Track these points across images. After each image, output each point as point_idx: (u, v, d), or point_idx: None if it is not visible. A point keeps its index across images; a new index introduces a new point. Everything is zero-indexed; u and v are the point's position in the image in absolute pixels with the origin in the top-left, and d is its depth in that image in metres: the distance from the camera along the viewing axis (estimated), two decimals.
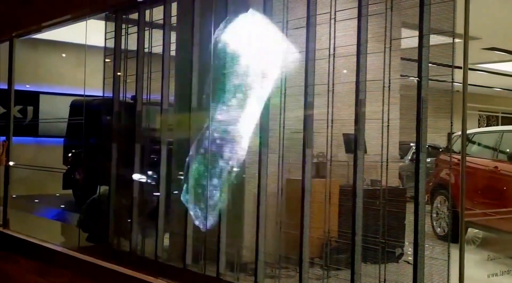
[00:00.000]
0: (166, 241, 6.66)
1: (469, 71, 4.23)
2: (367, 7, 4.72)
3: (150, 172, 6.96)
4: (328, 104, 5.01)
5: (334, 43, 4.99)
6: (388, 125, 4.65)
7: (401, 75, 4.90)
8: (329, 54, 5.01)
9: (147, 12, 6.91)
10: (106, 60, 7.50)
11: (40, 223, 10.24)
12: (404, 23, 4.80)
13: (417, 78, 4.29)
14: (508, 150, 8.35)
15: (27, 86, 12.57)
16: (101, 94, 7.52)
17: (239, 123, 5.63)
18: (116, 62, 7.28)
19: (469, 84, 4.22)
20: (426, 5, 4.29)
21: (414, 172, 4.32)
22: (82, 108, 8.25)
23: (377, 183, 5.43)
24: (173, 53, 6.61)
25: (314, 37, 5.10)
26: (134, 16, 7.07)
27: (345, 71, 5.10)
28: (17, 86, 10.00)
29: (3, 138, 9.66)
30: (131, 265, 6.52)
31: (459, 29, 4.15)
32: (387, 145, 4.68)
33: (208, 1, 6.07)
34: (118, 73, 7.28)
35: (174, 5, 6.61)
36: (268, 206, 5.46)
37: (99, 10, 7.58)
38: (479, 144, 9.04)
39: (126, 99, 7.27)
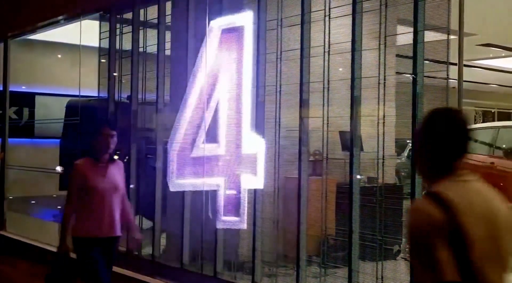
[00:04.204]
0: (163, 241, 6.64)
1: (464, 68, 4.22)
2: (361, 4, 4.71)
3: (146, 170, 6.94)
4: (323, 101, 5.00)
5: (329, 41, 4.98)
6: (384, 122, 4.64)
7: (396, 72, 4.90)
8: (324, 51, 4.99)
9: (141, 11, 6.89)
10: (101, 60, 7.47)
11: (36, 224, 10.20)
12: (399, 19, 4.79)
13: (412, 75, 4.28)
14: (504, 145, 8.35)
15: (23, 87, 12.52)
16: (96, 95, 7.49)
17: (235, 121, 5.61)
18: (111, 62, 7.25)
19: (465, 81, 4.22)
20: (420, 1, 4.28)
21: (411, 169, 4.32)
22: (78, 108, 8.21)
23: (374, 180, 5.42)
24: (167, 52, 6.58)
25: (309, 35, 5.09)
26: (128, 15, 7.04)
27: (340, 69, 5.08)
28: (13, 87, 9.97)
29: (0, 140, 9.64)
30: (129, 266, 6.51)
31: (455, 25, 4.15)
32: (383, 142, 4.67)
33: None
34: (114, 74, 7.24)
35: (168, 4, 6.58)
36: (264, 204, 5.45)
37: (93, 10, 7.56)
38: (475, 140, 9.03)
39: (122, 99, 7.24)
